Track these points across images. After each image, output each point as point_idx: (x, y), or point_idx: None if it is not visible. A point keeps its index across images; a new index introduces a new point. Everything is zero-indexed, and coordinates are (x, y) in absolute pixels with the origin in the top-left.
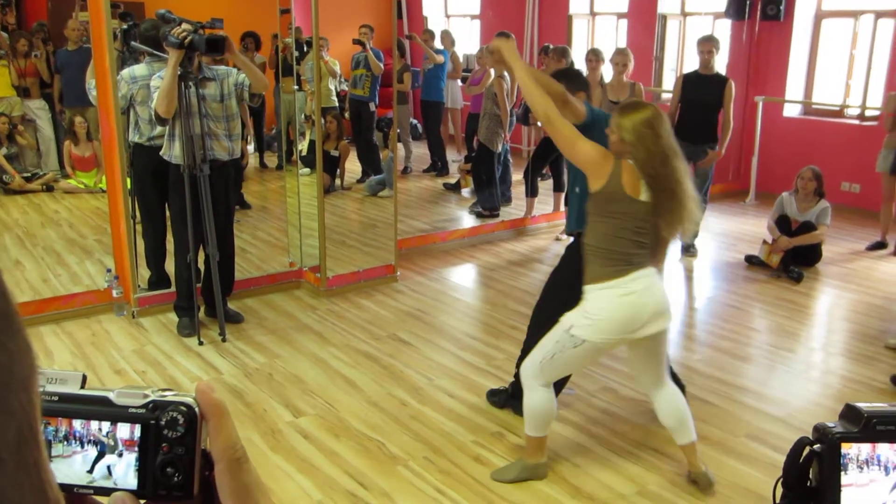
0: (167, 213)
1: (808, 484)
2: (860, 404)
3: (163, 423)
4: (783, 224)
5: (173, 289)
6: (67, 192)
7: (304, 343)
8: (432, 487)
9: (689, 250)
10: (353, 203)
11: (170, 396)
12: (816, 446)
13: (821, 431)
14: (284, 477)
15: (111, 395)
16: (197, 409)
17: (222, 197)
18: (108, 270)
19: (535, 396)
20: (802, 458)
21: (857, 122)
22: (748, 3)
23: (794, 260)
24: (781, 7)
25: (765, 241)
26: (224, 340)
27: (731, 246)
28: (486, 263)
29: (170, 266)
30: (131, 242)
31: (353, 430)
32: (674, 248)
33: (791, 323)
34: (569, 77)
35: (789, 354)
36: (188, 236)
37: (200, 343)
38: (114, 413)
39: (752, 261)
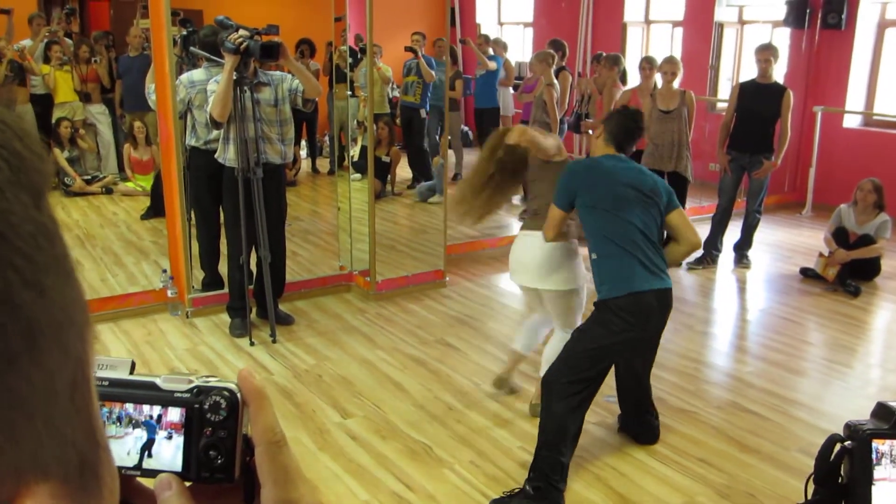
0: (221, 216)
1: (839, 480)
2: (892, 402)
3: (206, 407)
4: (840, 237)
5: (226, 290)
6: (126, 195)
7: (353, 346)
8: (478, 492)
9: (742, 261)
10: (404, 208)
11: (213, 382)
12: (847, 443)
13: (852, 429)
14: (332, 477)
15: (158, 381)
16: (239, 395)
17: (274, 200)
18: (164, 271)
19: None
20: (833, 455)
21: None
22: (808, 11)
23: (851, 274)
24: (843, 16)
25: (821, 254)
26: (274, 341)
27: (785, 258)
28: None
29: (223, 268)
30: (186, 244)
31: (400, 433)
32: (726, 258)
33: (847, 338)
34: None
35: (845, 370)
36: (241, 239)
37: (252, 343)
38: (160, 397)
39: (807, 273)
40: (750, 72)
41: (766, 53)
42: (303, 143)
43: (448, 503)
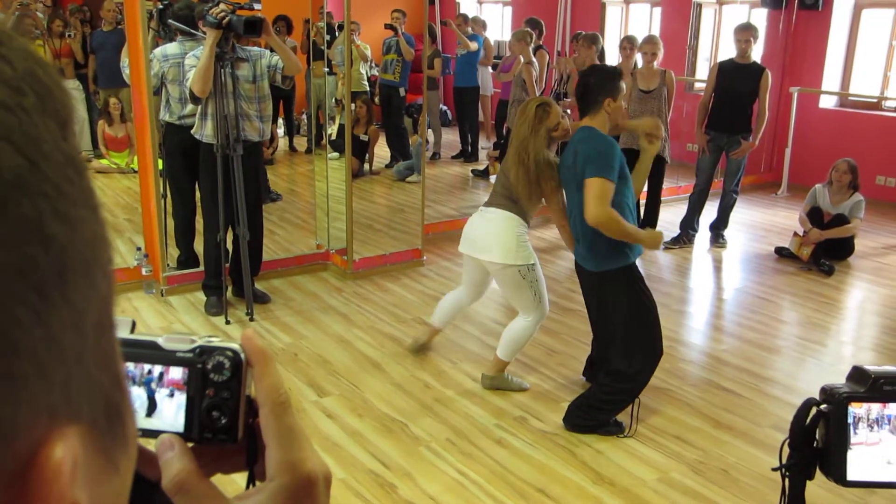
0: (197, 193)
1: (815, 445)
2: (867, 366)
3: (209, 367)
4: (815, 216)
5: (202, 268)
6: (100, 172)
7: (330, 324)
8: (454, 469)
9: (718, 241)
10: (382, 188)
11: (216, 342)
12: (823, 406)
13: (828, 392)
14: None
15: (160, 340)
16: (242, 356)
17: (252, 177)
18: (138, 249)
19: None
20: (809, 419)
21: (894, 114)
22: None
23: (825, 253)
24: None
25: (796, 234)
26: (251, 320)
27: (761, 237)
28: None
29: (199, 245)
30: (161, 221)
31: (376, 411)
32: (702, 237)
33: (821, 316)
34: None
35: (819, 347)
36: (218, 216)
37: (227, 322)
38: (162, 357)
39: (782, 253)
40: (728, 52)
41: (746, 34)
42: (280, 121)
43: (424, 480)
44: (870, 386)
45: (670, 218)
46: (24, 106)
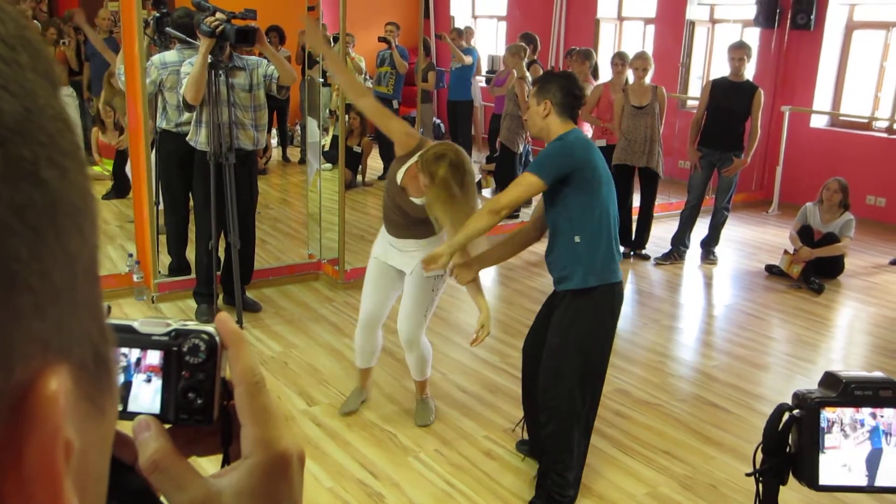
0: (190, 200)
1: (788, 450)
2: (839, 371)
3: (185, 349)
4: (805, 235)
5: (193, 275)
6: (93, 179)
7: (320, 333)
8: (442, 480)
9: (708, 257)
10: (374, 199)
11: (191, 325)
12: (796, 412)
13: (800, 398)
14: None
15: (135, 324)
16: (217, 338)
17: (246, 186)
18: (130, 255)
19: (427, 347)
20: (782, 424)
21: (885, 135)
22: (778, 11)
23: (815, 271)
24: (812, 17)
25: (786, 252)
26: (241, 328)
27: (751, 255)
28: (504, 263)
29: (191, 253)
30: (154, 229)
31: (365, 421)
32: (693, 254)
33: (810, 334)
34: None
35: (808, 365)
36: (211, 224)
37: None
38: (138, 340)
39: (772, 270)
40: (720, 70)
41: (740, 52)
42: (273, 131)
43: (412, 490)
44: (841, 391)
45: (662, 234)
46: (19, 62)
